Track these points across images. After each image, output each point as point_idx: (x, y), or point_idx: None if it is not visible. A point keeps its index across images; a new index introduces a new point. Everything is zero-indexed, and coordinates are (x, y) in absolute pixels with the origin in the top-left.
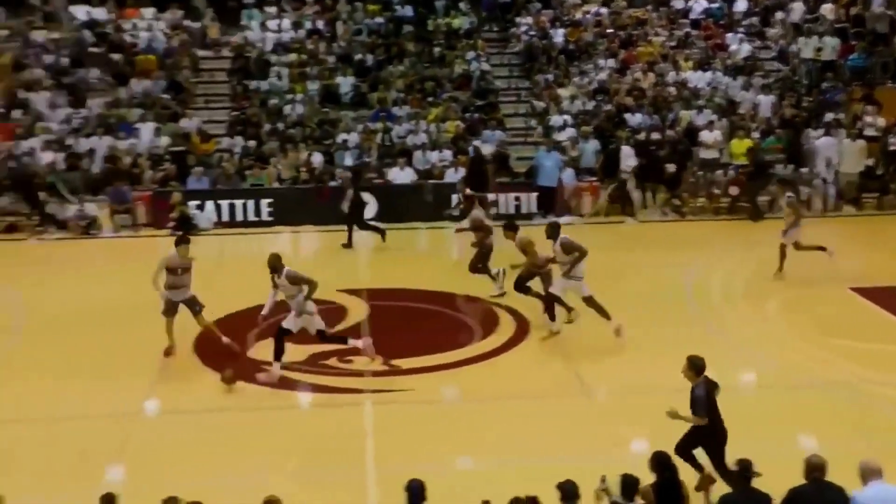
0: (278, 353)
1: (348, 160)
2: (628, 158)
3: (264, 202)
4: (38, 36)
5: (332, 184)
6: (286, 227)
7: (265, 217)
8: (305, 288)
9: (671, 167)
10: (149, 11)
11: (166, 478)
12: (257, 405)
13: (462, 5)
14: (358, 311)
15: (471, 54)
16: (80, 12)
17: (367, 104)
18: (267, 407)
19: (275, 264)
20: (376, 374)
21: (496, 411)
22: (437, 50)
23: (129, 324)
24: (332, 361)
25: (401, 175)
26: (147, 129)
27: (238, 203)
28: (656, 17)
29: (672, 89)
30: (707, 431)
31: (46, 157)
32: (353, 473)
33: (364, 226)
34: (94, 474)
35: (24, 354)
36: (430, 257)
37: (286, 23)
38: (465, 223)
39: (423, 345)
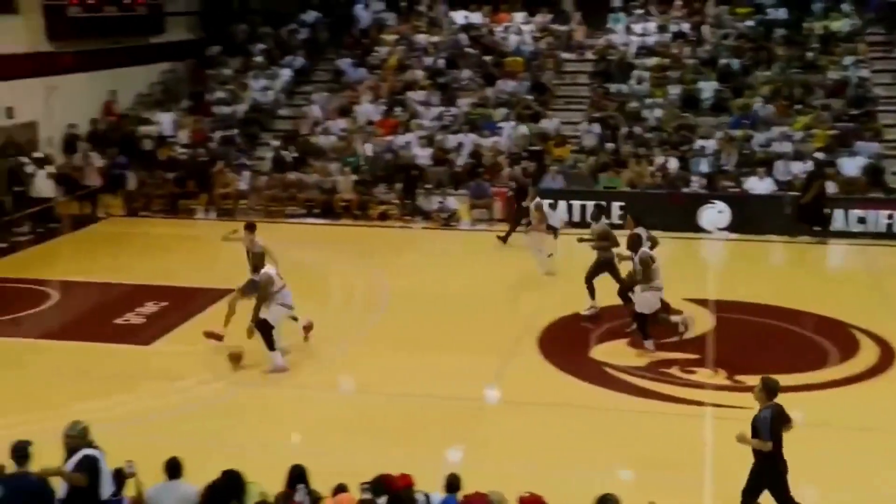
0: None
1: (704, 167)
2: None
3: (615, 205)
4: (421, 39)
5: (685, 190)
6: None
7: (615, 220)
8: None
9: None
10: (520, 15)
11: (503, 466)
12: (596, 405)
13: (844, 6)
14: (704, 322)
15: (849, 59)
16: (459, 17)
17: (729, 110)
18: (605, 408)
19: None
20: (719, 388)
21: (847, 441)
22: (809, 54)
23: (479, 311)
24: (674, 371)
25: (759, 185)
26: (509, 128)
27: (589, 204)
28: None
29: None
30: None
31: (419, 151)
32: (690, 485)
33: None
34: (431, 454)
35: (384, 331)
36: (786, 272)
37: (651, 26)
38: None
39: (772, 363)
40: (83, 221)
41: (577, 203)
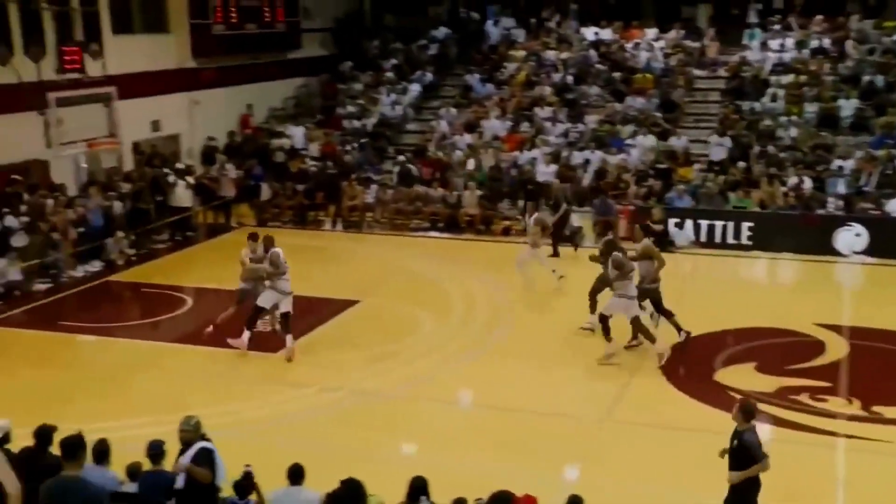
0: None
1: (841, 187)
2: None
3: (745, 225)
4: (550, 55)
5: (820, 211)
6: (765, 253)
7: (744, 241)
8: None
9: None
10: (651, 31)
11: (622, 488)
12: (718, 429)
13: None
14: (837, 348)
15: None
16: (589, 33)
17: (870, 129)
18: (729, 433)
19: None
20: (853, 418)
21: None
22: None
23: (600, 331)
24: (804, 398)
25: None
26: (638, 145)
27: (718, 224)
28: None
29: None
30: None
31: (545, 168)
32: None
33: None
34: (549, 472)
35: (506, 346)
36: None
37: (789, 42)
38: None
39: None
40: (217, 230)
41: (704, 223)
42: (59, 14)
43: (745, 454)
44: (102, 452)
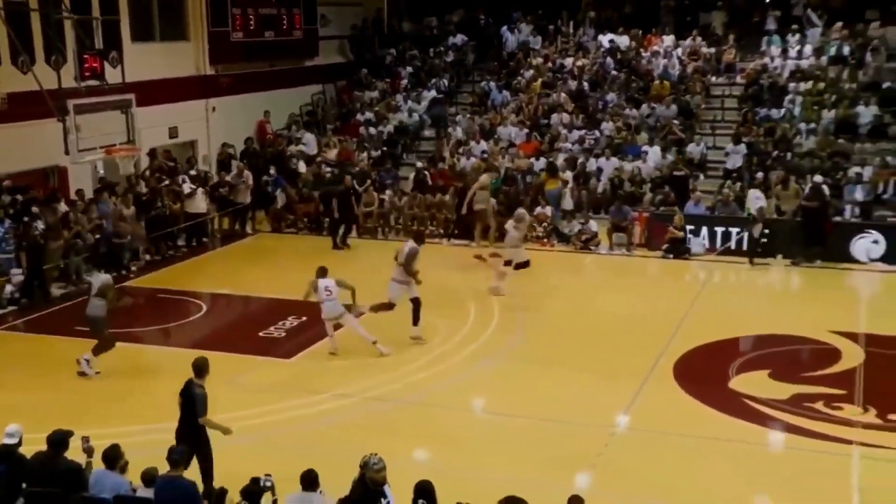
0: None
1: (859, 194)
2: None
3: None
4: (567, 62)
5: (837, 218)
6: (779, 259)
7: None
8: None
9: None
10: (669, 38)
11: (628, 496)
12: (732, 437)
13: None
14: (852, 356)
15: None
16: (606, 40)
17: (888, 136)
18: (745, 441)
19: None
20: (868, 426)
21: None
22: None
23: (615, 336)
24: (819, 405)
25: None
26: (654, 153)
27: (733, 231)
28: None
29: None
30: None
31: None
32: None
33: None
34: (559, 479)
35: (520, 354)
36: None
37: (808, 49)
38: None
39: None
40: (233, 237)
41: (719, 229)
42: (79, 23)
43: None
44: (113, 458)
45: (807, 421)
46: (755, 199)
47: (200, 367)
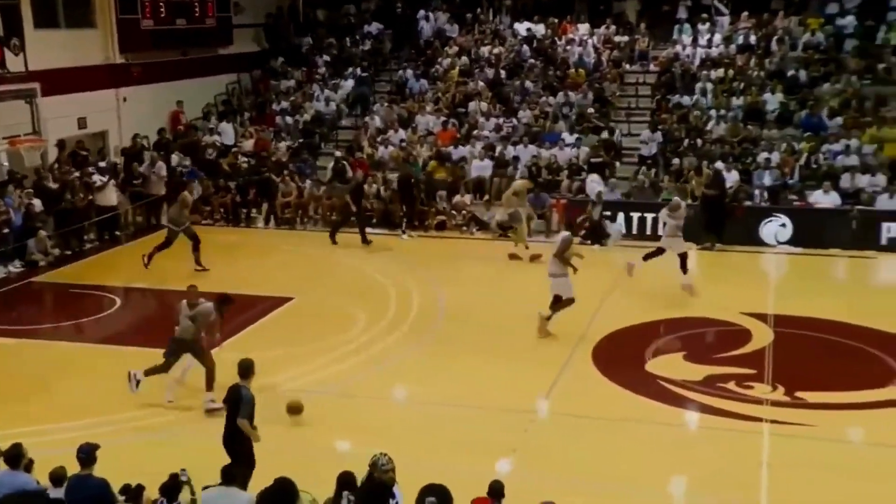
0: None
1: (767, 180)
2: None
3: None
4: (484, 51)
5: (748, 203)
6: (693, 244)
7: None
8: None
9: None
10: (584, 27)
11: (550, 479)
12: (649, 418)
13: None
14: (762, 336)
15: None
16: (522, 29)
17: (794, 122)
18: (659, 422)
19: None
20: (777, 403)
21: None
22: (881, 66)
23: (534, 322)
24: (731, 385)
25: (824, 198)
26: (569, 140)
27: (649, 216)
28: None
29: None
30: None
31: (480, 163)
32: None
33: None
34: (481, 465)
35: (439, 342)
36: (850, 287)
37: (717, 38)
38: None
39: (833, 380)
40: (146, 229)
41: (636, 215)
42: None
43: None
44: (16, 457)
45: (719, 401)
46: (594, 184)
47: (247, 369)
